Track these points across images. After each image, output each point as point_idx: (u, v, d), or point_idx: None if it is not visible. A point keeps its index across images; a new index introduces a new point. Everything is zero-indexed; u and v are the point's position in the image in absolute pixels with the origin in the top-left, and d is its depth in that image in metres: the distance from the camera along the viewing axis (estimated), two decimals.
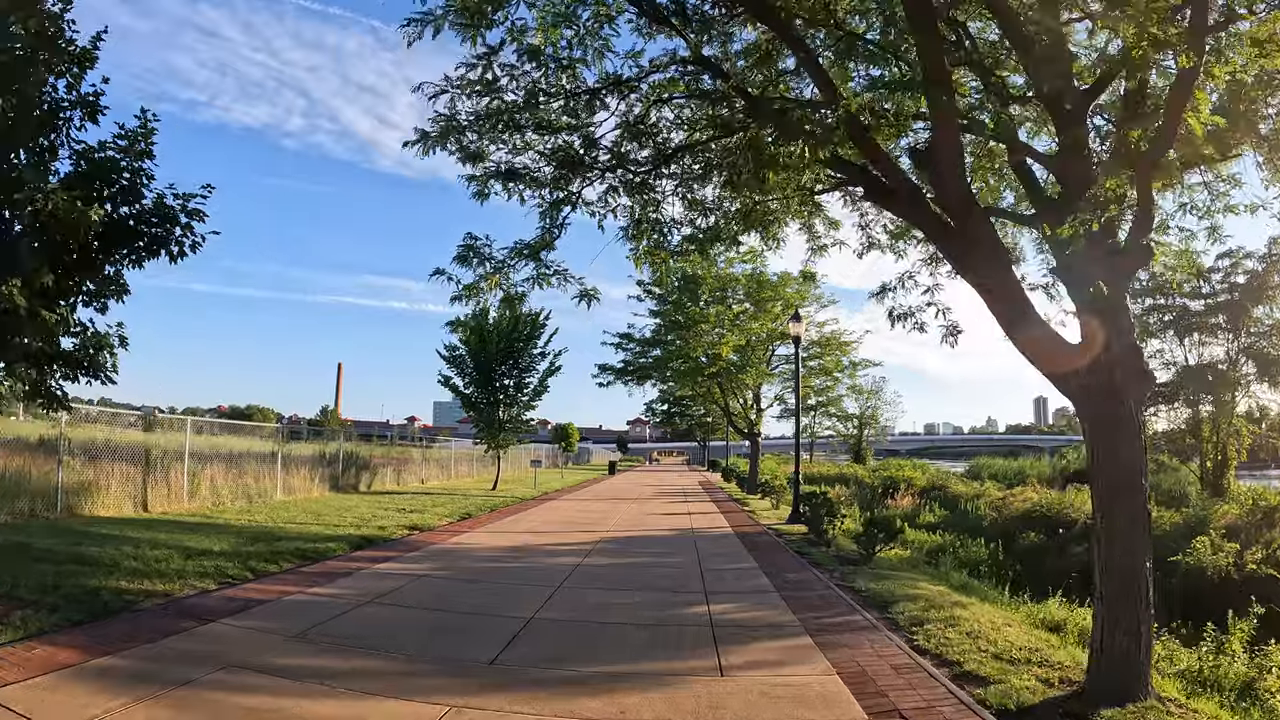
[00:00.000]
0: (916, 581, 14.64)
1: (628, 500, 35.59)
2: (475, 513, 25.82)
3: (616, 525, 24.13)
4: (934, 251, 14.64)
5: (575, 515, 27.18)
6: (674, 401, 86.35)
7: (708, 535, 22.11)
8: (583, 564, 15.84)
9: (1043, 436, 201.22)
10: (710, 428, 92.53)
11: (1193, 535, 23.38)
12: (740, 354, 39.61)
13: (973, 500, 42.64)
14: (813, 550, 18.73)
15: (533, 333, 38.62)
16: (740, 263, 39.32)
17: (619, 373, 44.53)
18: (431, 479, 43.95)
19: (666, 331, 42.01)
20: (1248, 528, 24.11)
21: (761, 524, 25.22)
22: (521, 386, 39.22)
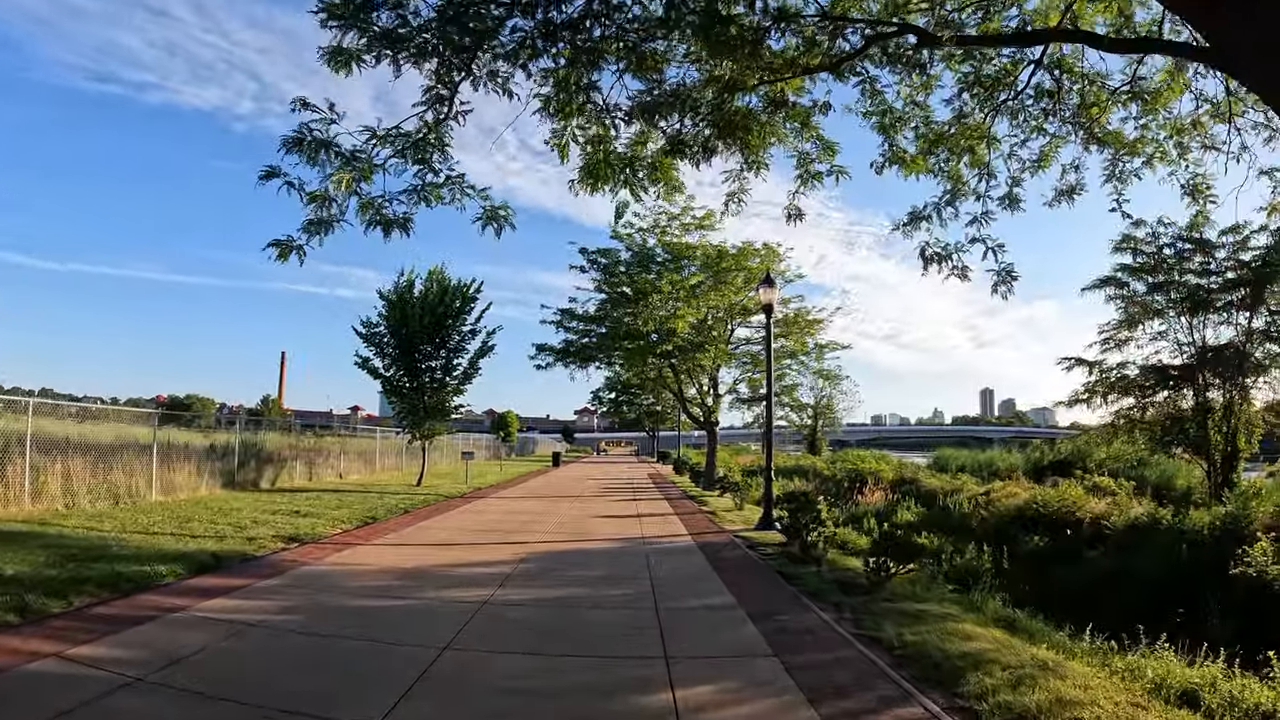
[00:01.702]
0: (956, 622, 10.73)
1: (569, 498, 31.10)
2: (383, 516, 21.58)
3: (551, 533, 19.81)
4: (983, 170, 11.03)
5: (503, 519, 22.77)
6: (622, 389, 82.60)
7: (663, 548, 17.86)
8: (494, 599, 11.40)
9: (991, 428, 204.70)
10: (660, 417, 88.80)
11: (1235, 539, 20.44)
12: (697, 331, 35.38)
13: (951, 496, 38.86)
14: (800, 571, 14.68)
15: (463, 307, 34.25)
16: (698, 229, 35.69)
17: (560, 354, 39.31)
18: (351, 473, 39.05)
19: (613, 306, 37.32)
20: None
21: (727, 530, 21.11)
22: (450, 368, 34.82)
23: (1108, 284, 33.56)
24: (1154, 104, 11.26)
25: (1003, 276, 11.20)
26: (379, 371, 34.48)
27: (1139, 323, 33.05)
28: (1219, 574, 19.26)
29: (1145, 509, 27.01)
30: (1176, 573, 20.63)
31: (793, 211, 12.01)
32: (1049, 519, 28.63)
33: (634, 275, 35.53)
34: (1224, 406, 30.49)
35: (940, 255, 11.56)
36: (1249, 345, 30.33)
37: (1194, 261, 32.20)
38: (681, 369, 38.80)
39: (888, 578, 13.15)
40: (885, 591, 12.71)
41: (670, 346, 34.73)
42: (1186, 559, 21.36)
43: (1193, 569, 20.62)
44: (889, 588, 12.94)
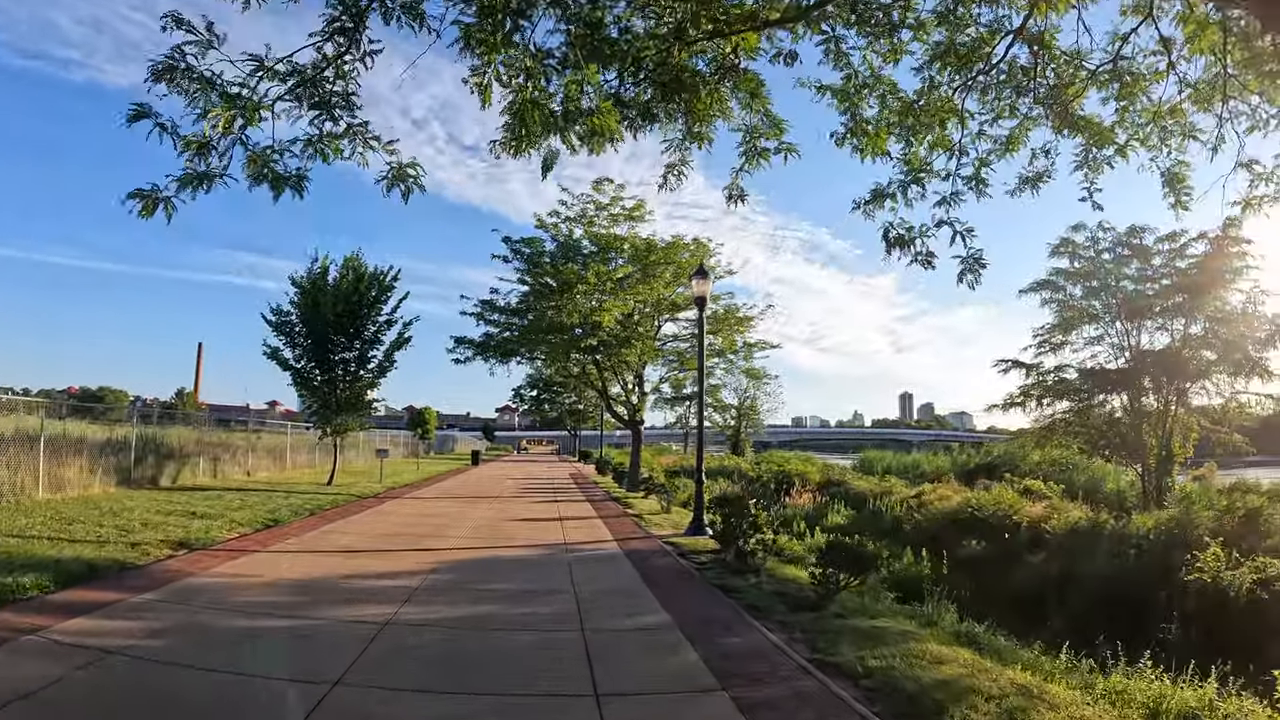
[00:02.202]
0: (919, 642, 9.78)
1: (487, 499, 29.59)
2: (287, 519, 19.91)
3: (466, 538, 18.42)
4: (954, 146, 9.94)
5: (416, 522, 21.28)
6: (544, 387, 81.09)
7: (588, 556, 16.56)
8: (397, 619, 9.99)
9: (910, 431, 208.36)
10: (582, 416, 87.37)
11: (1183, 545, 20.37)
12: (624, 326, 33.99)
13: (881, 498, 38.35)
14: (739, 583, 13.57)
15: (379, 296, 32.53)
16: (627, 220, 34.27)
17: (479, 348, 36.95)
18: (261, 471, 36.90)
19: (537, 298, 35.43)
20: (1235, 533, 20.94)
21: (655, 535, 19.88)
22: (364, 360, 33.03)
23: (1044, 287, 33.42)
24: (1133, 87, 10.41)
25: (970, 264, 10.22)
26: (289, 363, 32.49)
27: (1074, 326, 32.94)
28: (1168, 580, 19.10)
29: (1084, 513, 26.79)
30: (1125, 578, 20.34)
31: (735, 191, 10.90)
32: (985, 523, 28.15)
33: (559, 266, 33.81)
34: (1160, 411, 30.52)
35: (904, 238, 10.44)
36: (1186, 351, 30.29)
37: (1131, 267, 32.30)
38: (606, 365, 37.38)
39: (837, 590, 12.08)
40: (835, 606, 11.67)
41: (595, 341, 33.25)
42: (1134, 564, 21.07)
43: (1141, 574, 20.30)
44: (838, 601, 11.89)
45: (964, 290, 62.93)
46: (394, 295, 33.07)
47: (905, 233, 10.56)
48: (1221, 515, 22.81)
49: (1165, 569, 19.84)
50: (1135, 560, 21.33)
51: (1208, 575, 18.19)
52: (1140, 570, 20.62)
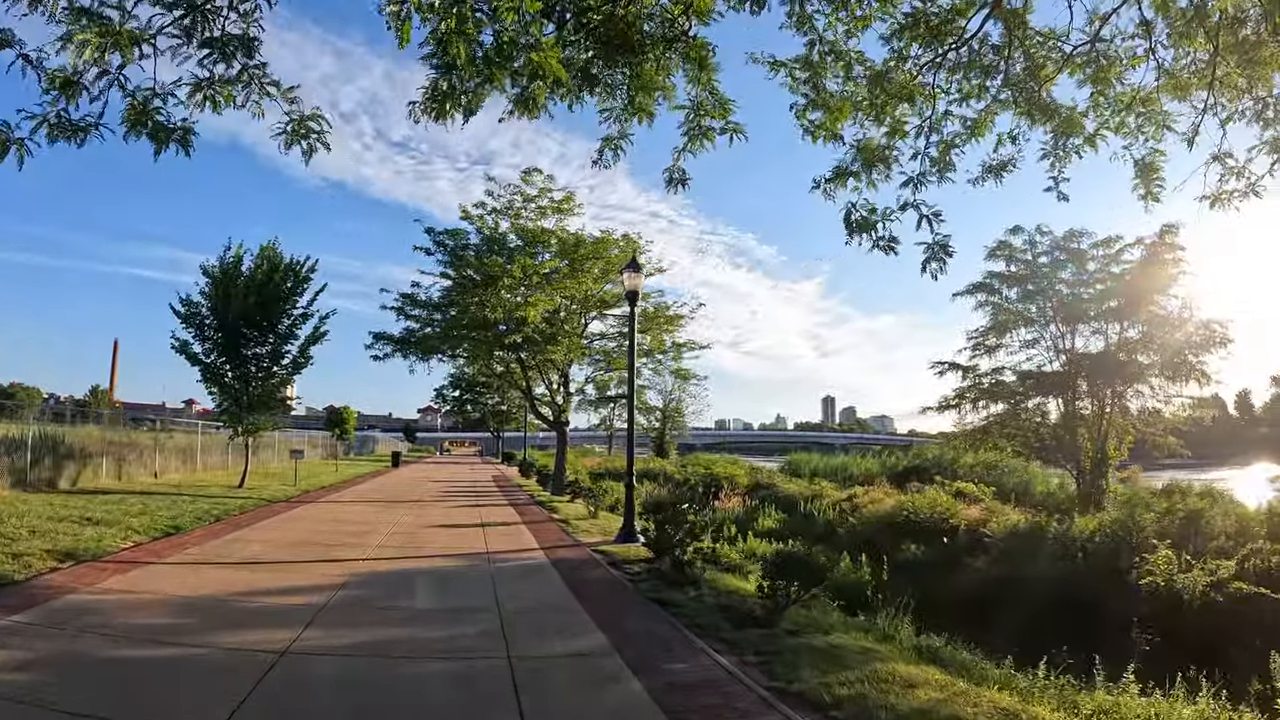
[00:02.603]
0: (882, 661, 9.09)
1: (405, 503, 28.17)
2: (189, 525, 18.41)
3: (382, 546, 17.10)
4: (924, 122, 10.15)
5: (329, 528, 19.92)
6: (466, 387, 79.49)
7: (513, 566, 15.43)
8: (298, 646, 8.78)
9: (833, 434, 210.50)
10: (505, 417, 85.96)
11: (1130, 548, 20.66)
12: (549, 322, 32.68)
13: (811, 501, 37.65)
14: (678, 596, 12.59)
15: (295, 288, 30.84)
16: (556, 213, 32.90)
17: (400, 344, 35.07)
18: (170, 472, 34.83)
19: (460, 292, 33.58)
20: (1178, 535, 21.24)
21: (583, 543, 18.81)
22: (278, 356, 31.31)
23: (980, 289, 33.02)
24: (1108, 71, 9.72)
25: (935, 251, 9.39)
26: (199, 358, 30.47)
27: (1009, 329, 32.70)
28: (1119, 583, 19.04)
29: (1022, 516, 26.64)
30: (1074, 582, 20.02)
31: (676, 175, 9.91)
32: (921, 526, 27.66)
33: (483, 259, 32.31)
34: (1096, 414, 30.58)
35: (866, 222, 9.53)
36: (1123, 354, 30.41)
37: (1067, 271, 32.29)
38: (531, 364, 35.86)
39: (787, 605, 11.16)
40: (785, 622, 10.80)
41: (520, 338, 31.80)
42: (1083, 567, 20.87)
43: (1090, 578, 20.04)
44: (787, 616, 11.01)
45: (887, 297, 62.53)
46: (310, 287, 31.47)
47: (867, 215, 9.66)
48: (1162, 517, 22.73)
49: (1113, 572, 19.73)
50: (1084, 563, 21.07)
51: (1160, 578, 18.12)
52: (1089, 574, 20.34)
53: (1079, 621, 17.36)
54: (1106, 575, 19.76)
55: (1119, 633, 16.49)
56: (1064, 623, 17.10)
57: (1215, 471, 55.07)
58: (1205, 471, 51.72)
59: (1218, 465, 64.02)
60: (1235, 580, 17.60)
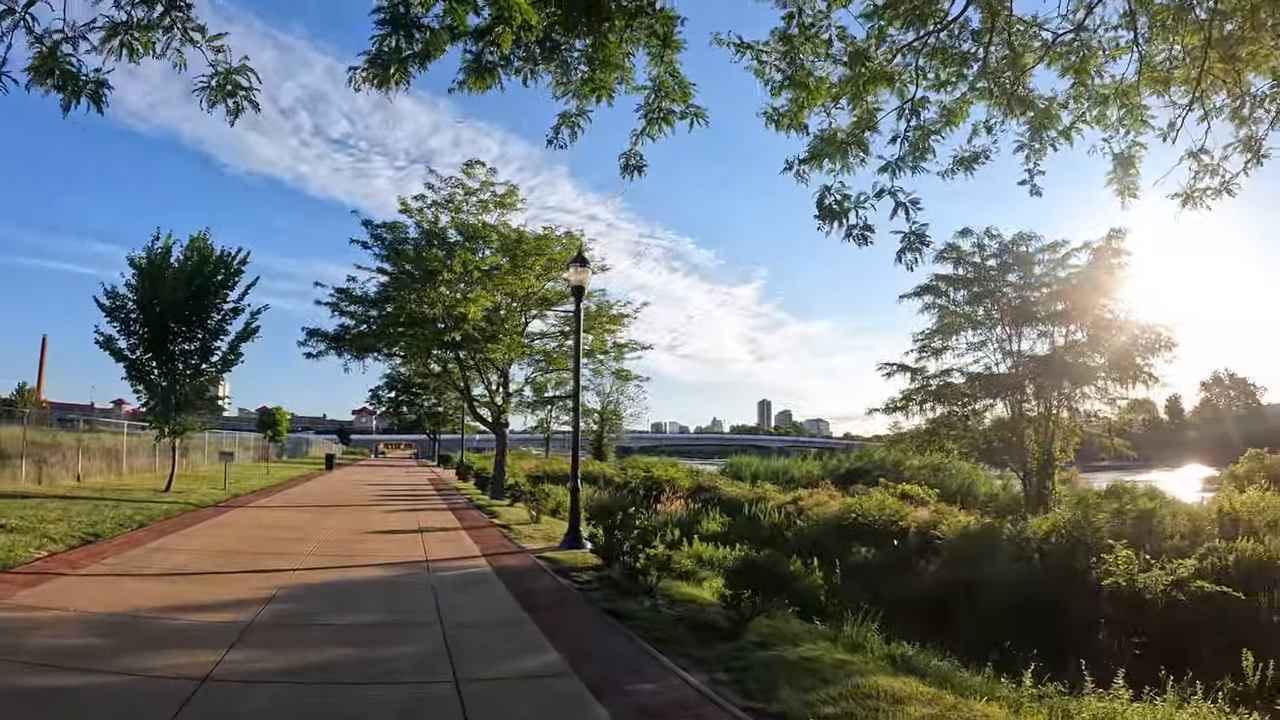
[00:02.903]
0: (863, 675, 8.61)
1: (341, 508, 27.06)
2: (110, 532, 17.23)
3: (315, 555, 16.14)
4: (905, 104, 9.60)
5: (259, 535, 18.89)
6: (403, 388, 78.23)
7: (455, 576, 14.63)
8: (220, 670, 7.93)
9: (770, 437, 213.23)
10: (442, 419, 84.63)
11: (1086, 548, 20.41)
12: (489, 320, 31.53)
13: (755, 504, 37.12)
14: (633, 607, 11.91)
15: (225, 281, 29.40)
16: (498, 207, 31.95)
17: (334, 341, 33.33)
18: (94, 474, 33.18)
19: (397, 288, 32.24)
20: (1131, 534, 20.97)
21: (527, 549, 18.11)
22: (208, 352, 29.75)
23: (928, 291, 32.76)
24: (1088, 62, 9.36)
25: (911, 241, 8.97)
26: (124, 354, 28.88)
27: (956, 332, 32.50)
28: (1078, 584, 18.89)
29: (973, 518, 26.47)
30: (1033, 583, 19.72)
31: (633, 160, 9.21)
32: (870, 529, 27.31)
33: (422, 252, 30.98)
34: (1043, 415, 30.55)
35: (840, 208, 8.99)
36: (1070, 356, 30.37)
37: (1014, 275, 32.25)
38: (470, 363, 34.66)
39: (753, 616, 10.57)
40: (750, 633, 10.22)
41: (459, 335, 30.65)
42: (1041, 569, 20.62)
43: (1049, 579, 19.76)
44: (752, 627, 10.42)
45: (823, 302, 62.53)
46: (242, 281, 30.06)
47: (841, 201, 9.06)
48: (1114, 517, 22.68)
49: (1071, 573, 19.55)
50: (1041, 564, 20.83)
51: (1122, 578, 17.94)
52: (1047, 575, 20.10)
53: (1040, 623, 17.10)
54: (1064, 576, 19.55)
55: (1083, 633, 16.42)
56: (1025, 625, 16.91)
57: (1147, 474, 55.64)
58: (1137, 473, 52.10)
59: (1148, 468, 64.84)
60: (1196, 579, 17.45)
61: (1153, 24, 8.92)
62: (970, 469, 38.65)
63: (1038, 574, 20.36)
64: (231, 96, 5.99)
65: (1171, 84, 9.40)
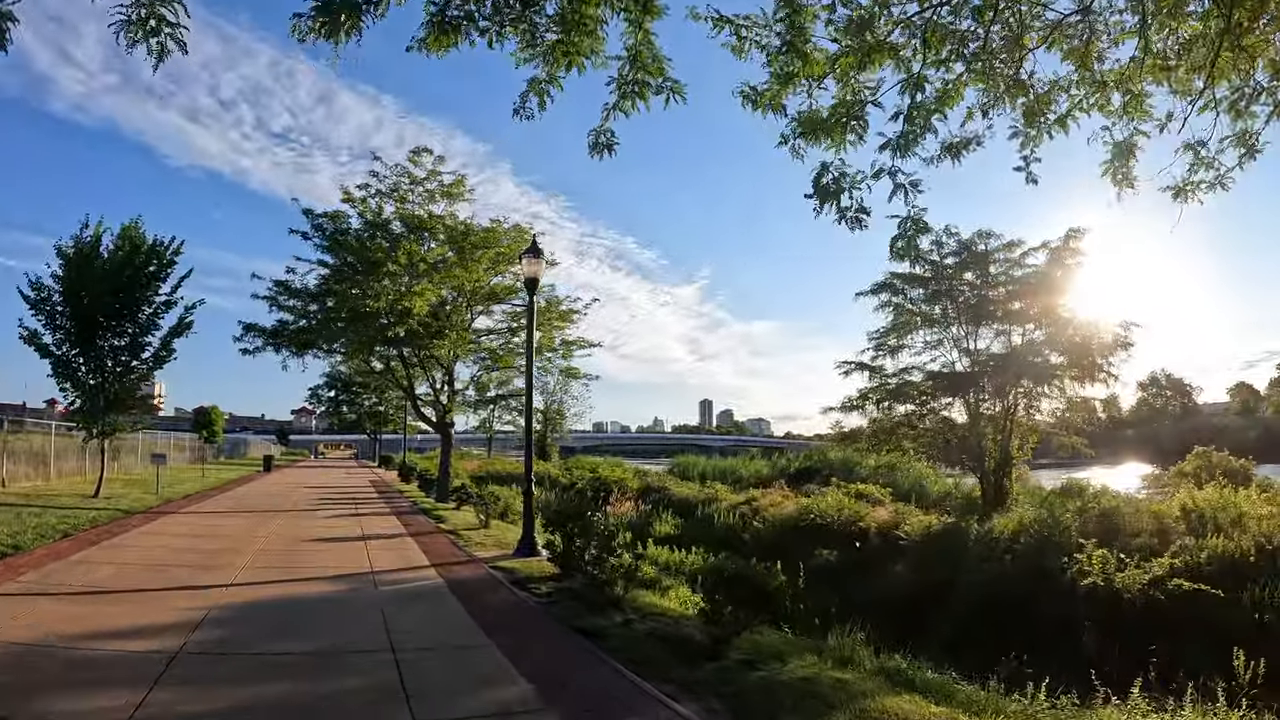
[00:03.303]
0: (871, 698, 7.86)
1: (279, 513, 25.70)
2: (30, 543, 15.81)
3: (250, 567, 14.89)
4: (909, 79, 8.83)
5: (192, 545, 17.54)
6: (343, 387, 76.35)
7: (404, 590, 13.56)
8: (141, 714, 6.81)
9: (711, 437, 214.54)
10: (383, 419, 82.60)
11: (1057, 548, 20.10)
12: (435, 315, 30.10)
13: (707, 505, 36.52)
14: (601, 623, 11.01)
15: (158, 272, 27.91)
16: (445, 197, 30.29)
17: (271, 336, 31.33)
18: (20, 479, 31.20)
19: (338, 280, 30.47)
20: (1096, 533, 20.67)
21: (479, 558, 17.09)
22: (138, 348, 28.31)
23: (884, 289, 32.15)
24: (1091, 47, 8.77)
25: (907, 227, 8.40)
26: (49, 349, 27.31)
27: (913, 329, 32.05)
28: (1050, 584, 18.57)
29: (934, 518, 26.13)
30: (1005, 584, 19.40)
31: (603, 138, 8.42)
32: (829, 530, 26.68)
33: (365, 242, 29.48)
34: (1002, 413, 30.20)
35: (836, 187, 8.29)
36: (1031, 355, 30.10)
37: (971, 273, 31.78)
38: (414, 361, 33.39)
39: (736, 632, 9.80)
40: (734, 651, 9.49)
41: (403, 330, 29.07)
42: (1012, 569, 20.23)
43: (1021, 579, 19.37)
44: (735, 644, 9.67)
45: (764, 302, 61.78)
46: (175, 273, 28.59)
47: (839, 179, 8.33)
48: (1077, 516, 22.41)
49: (1041, 572, 19.18)
50: (1011, 565, 20.43)
51: (1098, 578, 17.74)
52: (1018, 575, 19.73)
53: (1014, 624, 16.83)
54: (1035, 576, 19.21)
55: (1060, 635, 16.07)
56: (999, 626, 16.67)
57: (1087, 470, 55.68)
58: (1077, 470, 52.28)
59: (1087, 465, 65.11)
60: (1172, 578, 17.27)
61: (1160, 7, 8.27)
62: (922, 468, 38.17)
63: (1009, 574, 19.96)
64: (155, 35, 4.98)
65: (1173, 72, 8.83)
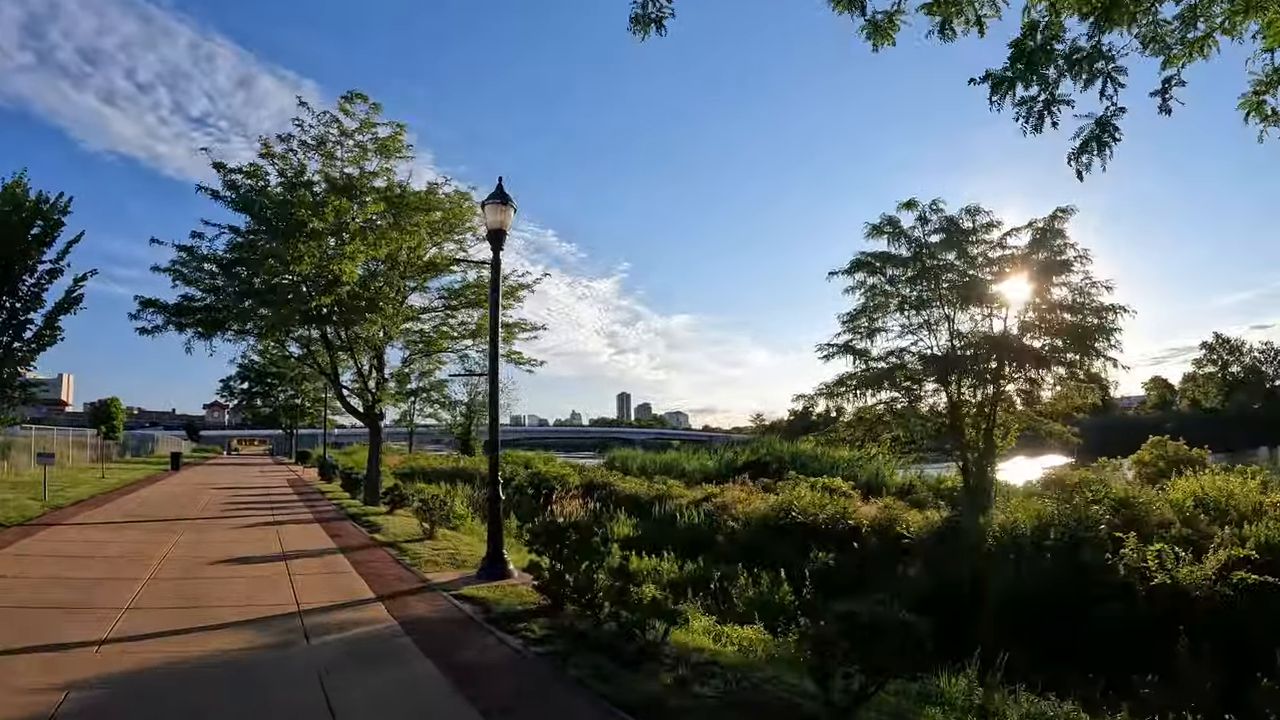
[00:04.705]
0: None
1: (183, 523, 21.21)
2: None
3: (136, 610, 10.77)
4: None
5: (66, 573, 13.29)
6: (256, 379, 71.70)
7: (346, 641, 9.59)
8: None
9: (631, 429, 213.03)
10: (300, 412, 77.50)
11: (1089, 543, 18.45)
12: (365, 287, 25.41)
13: (660, 502, 32.98)
14: (645, 686, 7.69)
15: (43, 235, 23.43)
16: (379, 153, 25.25)
17: (176, 313, 25.33)
18: None
19: (251, 250, 24.87)
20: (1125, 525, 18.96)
21: (434, 582, 13.25)
22: (19, 327, 23.73)
23: (860, 268, 28.97)
24: None
25: (1100, 131, 6.44)
26: None
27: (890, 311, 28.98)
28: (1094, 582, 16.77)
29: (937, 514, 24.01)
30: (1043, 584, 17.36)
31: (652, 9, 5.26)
32: (815, 528, 23.54)
33: (291, 197, 24.13)
34: (988, 400, 27.55)
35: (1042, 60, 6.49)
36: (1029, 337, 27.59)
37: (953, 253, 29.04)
38: (339, 342, 28.16)
39: (864, 699, 6.72)
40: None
41: (330, 301, 24.10)
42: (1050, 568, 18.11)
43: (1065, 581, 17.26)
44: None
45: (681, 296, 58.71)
46: (60, 237, 24.02)
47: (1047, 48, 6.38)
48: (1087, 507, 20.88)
49: (1081, 569, 17.49)
50: (1051, 563, 18.15)
51: (1161, 575, 15.99)
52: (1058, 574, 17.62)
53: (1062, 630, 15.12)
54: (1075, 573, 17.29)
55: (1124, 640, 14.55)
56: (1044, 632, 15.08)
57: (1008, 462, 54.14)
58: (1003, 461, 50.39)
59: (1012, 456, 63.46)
60: (1233, 569, 15.90)
61: None
62: (880, 460, 35.40)
63: (1045, 573, 17.72)
64: None
65: None
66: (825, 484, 30.53)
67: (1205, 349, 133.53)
